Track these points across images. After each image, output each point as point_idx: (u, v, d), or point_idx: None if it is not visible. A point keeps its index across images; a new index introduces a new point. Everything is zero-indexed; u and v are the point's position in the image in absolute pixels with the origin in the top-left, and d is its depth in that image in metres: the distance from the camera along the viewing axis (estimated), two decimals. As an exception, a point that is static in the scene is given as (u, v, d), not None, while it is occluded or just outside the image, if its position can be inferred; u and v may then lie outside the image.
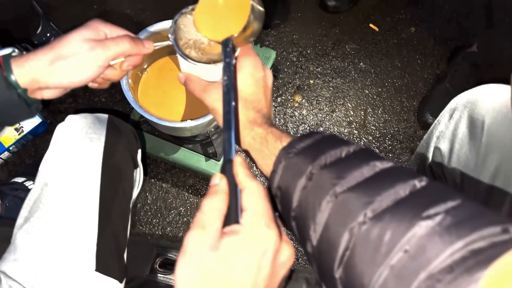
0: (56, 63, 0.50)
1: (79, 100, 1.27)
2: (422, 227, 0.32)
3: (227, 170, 0.39)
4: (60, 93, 0.54)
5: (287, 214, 0.42)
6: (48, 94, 0.53)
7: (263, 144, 0.46)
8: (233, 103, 0.45)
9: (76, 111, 0.76)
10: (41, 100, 0.55)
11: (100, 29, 0.53)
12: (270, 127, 0.47)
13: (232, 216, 0.37)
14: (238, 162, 0.39)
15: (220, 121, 0.50)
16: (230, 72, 0.47)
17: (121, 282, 0.67)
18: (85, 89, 1.27)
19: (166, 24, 0.94)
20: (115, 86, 1.28)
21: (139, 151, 0.83)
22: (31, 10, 1.15)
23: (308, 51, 1.39)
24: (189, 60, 0.54)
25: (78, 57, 0.50)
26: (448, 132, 0.70)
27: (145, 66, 1.00)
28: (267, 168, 0.45)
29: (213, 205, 0.36)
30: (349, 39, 1.41)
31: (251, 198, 0.37)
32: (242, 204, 0.37)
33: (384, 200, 0.35)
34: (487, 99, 0.63)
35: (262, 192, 0.38)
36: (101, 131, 0.72)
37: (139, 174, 0.84)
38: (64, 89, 0.53)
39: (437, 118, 0.75)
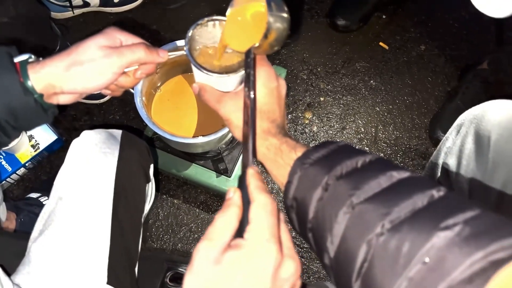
0: (72, 69, 0.51)
1: (94, 117, 1.31)
2: (441, 238, 0.31)
3: (243, 182, 0.39)
4: (76, 98, 0.55)
5: (303, 225, 0.42)
6: (63, 99, 0.54)
7: (277, 154, 0.46)
8: (253, 115, 0.45)
9: (91, 128, 0.79)
10: (55, 117, 0.57)
11: (116, 36, 0.54)
12: (285, 137, 0.47)
13: (242, 229, 0.37)
14: (251, 173, 0.39)
15: (234, 132, 0.51)
16: (250, 83, 0.47)
17: None
18: (100, 106, 1.31)
19: (180, 42, 0.97)
20: (129, 104, 1.32)
21: (152, 166, 0.85)
22: (50, 31, 1.20)
23: (319, 69, 1.41)
24: (202, 70, 0.54)
25: (94, 63, 0.51)
26: (455, 148, 0.70)
27: (158, 85, 1.03)
28: (281, 178, 0.45)
29: (224, 219, 0.37)
30: (359, 57, 1.43)
31: (257, 211, 0.37)
32: (249, 217, 0.37)
33: (402, 211, 0.34)
34: (493, 115, 0.64)
35: (269, 206, 0.37)
36: (115, 146, 0.74)
37: (151, 189, 0.86)
38: (79, 94, 0.55)
39: (446, 135, 0.76)
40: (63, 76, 0.51)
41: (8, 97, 0.50)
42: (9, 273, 0.65)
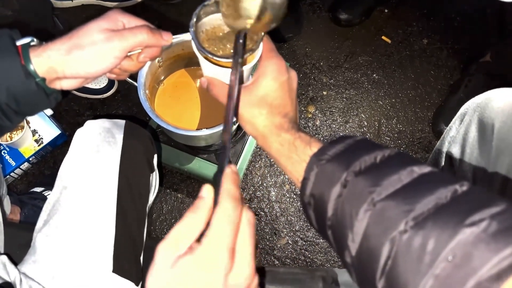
0: (73, 52, 0.50)
1: (97, 112, 1.31)
2: (467, 234, 0.31)
3: (218, 181, 0.37)
4: (79, 83, 0.54)
5: (322, 223, 0.41)
6: (66, 85, 0.53)
7: (291, 150, 0.45)
8: (233, 115, 0.43)
9: (95, 124, 0.79)
10: (59, 112, 0.57)
11: (118, 19, 0.53)
12: (298, 132, 0.46)
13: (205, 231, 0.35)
14: (227, 173, 0.37)
15: (246, 126, 0.50)
16: (238, 73, 0.45)
17: (137, 284, 0.68)
18: (103, 102, 1.31)
19: (182, 37, 0.98)
20: (132, 99, 1.32)
21: (155, 156, 0.85)
22: (53, 26, 1.20)
23: (321, 63, 1.41)
24: (206, 53, 0.51)
25: (95, 47, 0.50)
26: (459, 136, 0.70)
27: (161, 78, 1.03)
28: (297, 175, 0.44)
29: (191, 221, 0.35)
30: (361, 51, 1.43)
31: (218, 217, 0.35)
32: (210, 221, 0.35)
33: (425, 207, 0.34)
34: (497, 102, 0.64)
35: (232, 214, 0.35)
36: (119, 135, 0.75)
37: (155, 179, 0.86)
38: (82, 79, 0.54)
39: (449, 124, 0.76)
40: (64, 60, 0.50)
41: (9, 81, 0.49)
42: (16, 262, 0.66)
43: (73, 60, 0.50)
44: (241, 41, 0.48)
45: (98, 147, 0.71)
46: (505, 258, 0.29)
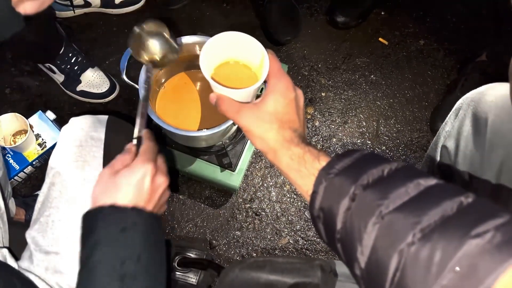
0: None
1: (100, 116, 1.33)
2: (472, 246, 0.31)
3: (138, 141, 0.59)
4: (38, 5, 0.63)
5: (331, 236, 0.42)
6: (29, 7, 0.62)
7: (301, 163, 0.46)
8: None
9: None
10: (62, 116, 0.59)
11: None
12: (307, 146, 0.48)
13: None
14: (146, 133, 0.59)
15: (256, 142, 0.51)
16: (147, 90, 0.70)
17: None
18: (105, 106, 1.33)
19: (184, 39, 1.00)
20: (134, 103, 1.34)
21: None
22: (55, 33, 1.22)
23: (319, 65, 1.43)
24: (220, 87, 0.54)
25: None
26: (453, 131, 0.71)
27: (162, 81, 1.05)
28: (306, 188, 0.45)
29: (122, 157, 0.56)
30: (359, 53, 1.45)
31: (143, 147, 0.57)
32: (139, 151, 0.57)
33: (432, 219, 0.34)
34: (490, 97, 0.65)
35: (153, 147, 0.58)
36: (101, 129, 0.78)
37: None
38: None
39: (445, 120, 0.77)
40: None
41: None
42: (18, 258, 0.68)
43: None
44: (147, 73, 0.71)
45: (81, 142, 0.74)
46: (510, 269, 0.30)
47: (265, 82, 0.54)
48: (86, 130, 0.76)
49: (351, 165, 0.42)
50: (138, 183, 0.53)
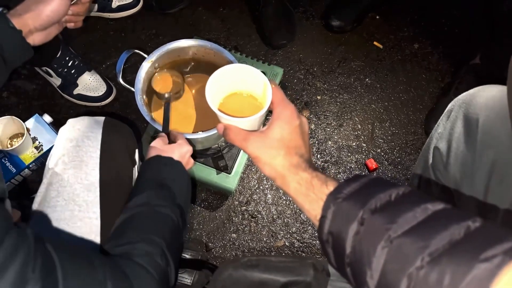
0: (34, 6, 0.70)
1: (96, 120, 1.33)
2: (481, 270, 0.32)
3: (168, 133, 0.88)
4: (45, 35, 0.74)
5: (340, 260, 0.42)
6: (38, 38, 0.72)
7: (309, 188, 0.47)
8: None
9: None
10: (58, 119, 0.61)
11: None
12: (315, 171, 0.49)
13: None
14: (173, 132, 0.89)
15: (264, 169, 0.52)
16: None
17: None
18: (101, 109, 1.34)
19: (178, 43, 1.01)
20: (130, 106, 1.35)
21: (137, 150, 0.89)
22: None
23: (315, 69, 1.44)
24: (227, 117, 0.56)
25: None
26: (445, 132, 0.72)
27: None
28: (314, 213, 0.46)
29: (163, 139, 0.85)
30: (354, 56, 1.46)
31: (181, 136, 0.88)
32: (176, 139, 0.87)
33: (440, 243, 0.35)
34: (481, 98, 0.66)
35: (184, 140, 0.87)
36: (98, 130, 0.79)
37: (137, 172, 0.89)
38: (48, 30, 0.74)
39: (437, 122, 0.78)
40: (32, 15, 0.69)
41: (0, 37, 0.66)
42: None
43: (36, 12, 0.69)
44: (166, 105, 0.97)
45: (78, 142, 0.74)
46: (503, 277, 0.30)
47: (271, 112, 0.56)
48: (83, 130, 0.77)
49: (358, 189, 0.43)
50: (183, 154, 0.82)
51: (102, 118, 0.83)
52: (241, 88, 0.62)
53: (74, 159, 0.72)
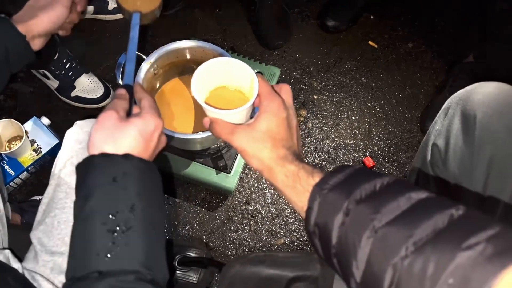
0: (38, 12, 0.70)
1: (94, 122, 1.33)
2: (464, 258, 0.32)
3: (128, 89, 0.58)
4: (45, 40, 0.73)
5: (327, 251, 0.42)
6: (38, 43, 0.72)
7: (295, 180, 0.47)
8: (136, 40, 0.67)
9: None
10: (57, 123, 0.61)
11: None
12: (301, 163, 0.49)
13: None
14: (137, 84, 0.59)
15: (251, 162, 0.52)
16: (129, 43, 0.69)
17: None
18: (99, 111, 1.34)
19: (176, 44, 1.01)
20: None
21: None
22: (50, 39, 1.23)
23: (311, 69, 1.45)
24: (213, 109, 0.56)
25: (50, 3, 0.71)
26: (443, 129, 0.74)
27: (157, 87, 1.06)
28: (301, 204, 0.46)
29: (121, 102, 0.54)
30: (349, 56, 1.48)
31: (147, 101, 0.56)
32: (140, 105, 0.56)
33: (424, 232, 0.35)
34: (478, 95, 0.67)
35: (153, 101, 0.56)
36: None
37: None
38: (48, 35, 0.73)
39: (435, 119, 0.80)
40: (35, 20, 0.69)
41: (6, 40, 0.66)
42: (20, 259, 0.68)
43: (41, 18, 0.70)
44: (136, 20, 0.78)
45: (86, 144, 0.74)
46: (502, 280, 0.30)
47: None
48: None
49: (344, 180, 0.43)
50: (148, 136, 0.52)
51: None
52: (228, 82, 0.61)
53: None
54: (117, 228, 0.46)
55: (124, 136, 0.50)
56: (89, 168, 0.49)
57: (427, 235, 0.35)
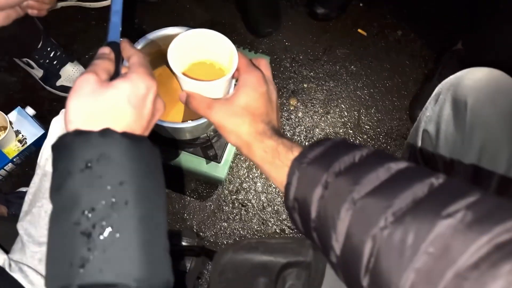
0: None
1: (81, 112, 1.31)
2: (444, 226, 0.31)
3: (113, 47, 0.47)
4: (5, 18, 0.67)
5: (307, 225, 0.42)
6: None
7: (274, 156, 0.46)
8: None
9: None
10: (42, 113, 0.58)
11: None
12: (280, 138, 0.47)
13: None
14: (126, 40, 0.49)
15: (230, 137, 0.50)
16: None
17: None
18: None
19: (163, 31, 0.99)
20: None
21: None
22: (33, 27, 1.20)
23: (301, 57, 1.44)
24: (190, 80, 0.54)
25: None
26: (434, 115, 0.73)
27: (144, 74, 1.04)
28: (281, 180, 0.45)
29: (103, 63, 0.44)
30: (339, 44, 1.47)
31: (137, 58, 0.46)
32: (129, 63, 0.46)
33: (403, 202, 0.34)
34: (469, 81, 0.67)
35: (145, 58, 0.47)
36: None
37: None
38: (3, 11, 0.65)
39: (425, 105, 0.79)
40: None
41: None
42: (7, 251, 0.67)
43: None
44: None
45: None
46: (481, 247, 0.30)
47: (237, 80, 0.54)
48: None
49: (323, 153, 0.42)
50: (138, 102, 0.41)
51: None
52: (206, 57, 0.59)
53: None
54: (94, 229, 0.36)
55: (106, 105, 0.40)
56: (61, 151, 0.39)
57: (406, 205, 0.34)
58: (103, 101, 0.40)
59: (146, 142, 0.42)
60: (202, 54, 0.59)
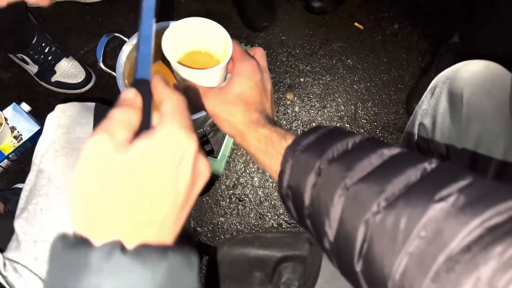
0: None
1: (76, 107, 1.30)
2: (437, 210, 0.31)
3: (142, 88, 0.34)
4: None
5: (300, 213, 0.42)
6: None
7: (268, 144, 0.46)
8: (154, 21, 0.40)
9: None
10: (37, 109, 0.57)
11: None
12: (274, 127, 0.47)
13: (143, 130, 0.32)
14: (158, 78, 0.35)
15: (224, 126, 0.50)
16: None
17: None
18: (81, 96, 1.31)
19: (158, 25, 0.99)
20: (111, 93, 1.32)
21: None
22: (27, 22, 1.19)
23: (297, 51, 1.43)
24: (185, 68, 0.53)
25: None
26: (430, 108, 0.73)
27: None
28: (274, 168, 0.45)
29: (125, 117, 0.32)
30: (335, 38, 1.46)
31: (170, 104, 0.33)
32: (160, 112, 0.33)
33: (396, 187, 0.34)
34: (465, 74, 0.67)
35: (184, 102, 0.34)
36: (89, 116, 0.76)
37: None
38: None
39: (421, 98, 0.79)
40: None
41: None
42: (2, 250, 0.66)
43: None
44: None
45: (69, 128, 0.72)
46: (473, 230, 0.30)
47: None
48: (74, 117, 0.75)
49: (316, 140, 0.42)
50: (170, 173, 0.30)
51: (93, 104, 0.80)
52: (201, 46, 0.59)
53: (66, 146, 0.70)
54: None
55: (119, 190, 0.28)
56: (52, 262, 0.29)
57: (399, 189, 0.34)
58: (116, 184, 0.29)
59: (175, 257, 0.28)
60: (196, 43, 0.58)
